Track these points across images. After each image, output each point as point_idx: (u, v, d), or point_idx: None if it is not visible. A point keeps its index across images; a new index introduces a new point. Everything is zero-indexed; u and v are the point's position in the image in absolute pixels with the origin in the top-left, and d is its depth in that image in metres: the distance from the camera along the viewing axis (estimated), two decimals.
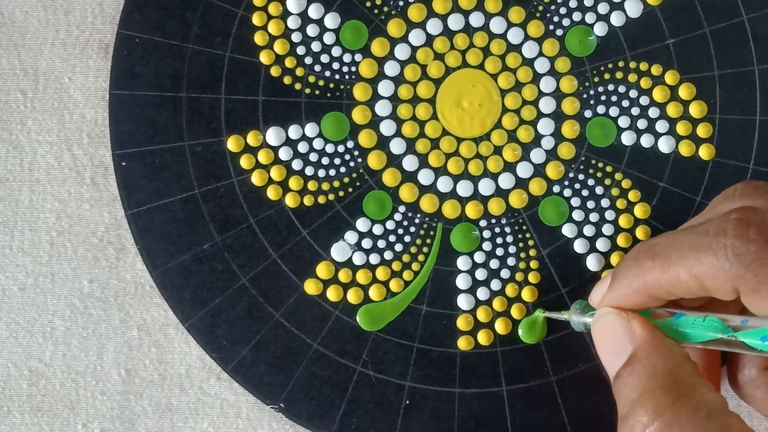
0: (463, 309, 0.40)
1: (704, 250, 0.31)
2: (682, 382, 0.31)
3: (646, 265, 0.33)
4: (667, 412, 0.30)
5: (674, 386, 0.31)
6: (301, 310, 0.40)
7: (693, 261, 0.31)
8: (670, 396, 0.30)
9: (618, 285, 0.34)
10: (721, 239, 0.30)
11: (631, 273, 0.33)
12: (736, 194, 0.33)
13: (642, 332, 0.33)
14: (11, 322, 0.40)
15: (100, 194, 0.41)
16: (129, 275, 0.41)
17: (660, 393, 0.30)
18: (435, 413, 0.40)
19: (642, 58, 0.41)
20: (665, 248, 0.32)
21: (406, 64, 0.41)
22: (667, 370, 0.31)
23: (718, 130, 0.41)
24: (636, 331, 0.33)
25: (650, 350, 0.32)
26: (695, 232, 0.32)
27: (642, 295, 0.33)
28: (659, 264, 0.32)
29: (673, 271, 0.32)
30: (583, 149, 0.41)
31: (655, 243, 0.33)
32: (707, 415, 0.30)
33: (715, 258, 0.30)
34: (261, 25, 0.41)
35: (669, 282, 0.32)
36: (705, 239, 0.31)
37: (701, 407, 0.30)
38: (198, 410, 0.40)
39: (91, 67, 0.41)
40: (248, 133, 0.41)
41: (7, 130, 0.41)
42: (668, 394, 0.30)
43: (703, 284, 0.31)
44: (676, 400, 0.30)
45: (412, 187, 0.41)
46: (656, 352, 0.32)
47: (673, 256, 0.32)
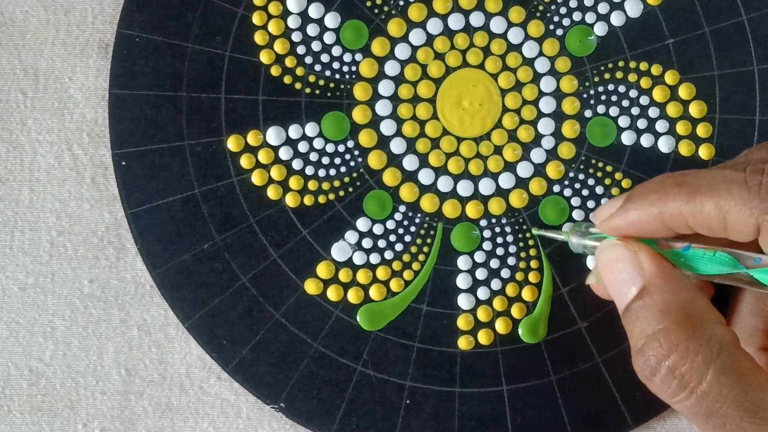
0: (464, 308, 0.40)
1: (737, 183, 0.31)
2: (695, 316, 0.31)
3: (671, 190, 0.32)
4: (681, 346, 0.31)
5: (687, 321, 0.31)
6: (301, 309, 0.40)
7: (723, 192, 0.31)
8: (683, 331, 0.31)
9: (633, 206, 0.33)
10: (757, 176, 0.31)
11: (652, 196, 0.33)
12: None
13: (651, 265, 0.33)
14: (11, 322, 0.40)
15: (100, 194, 0.41)
16: (129, 275, 0.41)
17: (674, 328, 0.31)
18: (435, 413, 0.40)
19: (642, 57, 0.41)
20: (695, 178, 0.32)
21: (406, 64, 0.41)
22: (679, 304, 0.32)
23: (718, 130, 0.41)
24: (644, 264, 0.33)
25: (661, 284, 0.32)
26: (730, 167, 0.32)
27: (657, 221, 0.33)
28: (686, 191, 0.32)
29: (699, 201, 0.32)
30: (583, 149, 0.41)
31: (684, 173, 0.33)
32: (719, 350, 0.31)
33: (747, 191, 0.31)
34: (261, 25, 0.41)
35: (691, 212, 0.32)
36: (740, 174, 0.31)
37: (713, 341, 0.31)
38: (198, 410, 0.40)
39: (91, 67, 0.41)
40: (248, 133, 0.41)
41: (8, 130, 0.41)
42: (682, 330, 0.31)
43: (725, 219, 0.31)
44: (689, 335, 0.31)
45: (412, 186, 0.41)
46: (667, 286, 0.32)
47: (703, 185, 0.32)
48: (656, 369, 0.31)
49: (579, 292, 0.40)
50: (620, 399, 0.39)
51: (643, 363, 0.31)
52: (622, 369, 0.40)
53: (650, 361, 0.31)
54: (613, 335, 0.40)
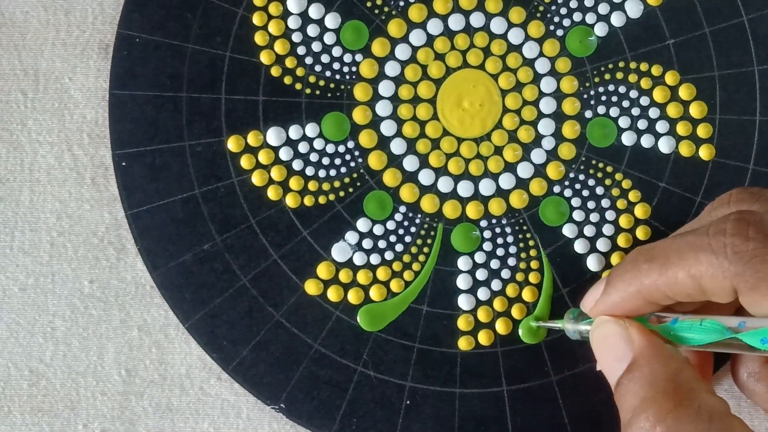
0: (464, 309, 0.40)
1: (703, 249, 0.31)
2: (683, 387, 0.31)
3: (643, 267, 0.33)
4: (669, 417, 0.30)
5: (675, 391, 0.31)
6: (301, 310, 0.40)
7: (692, 260, 0.31)
8: (671, 401, 0.30)
9: (614, 289, 0.34)
10: (720, 238, 0.31)
11: (628, 276, 0.33)
12: (731, 200, 0.34)
13: (640, 339, 0.33)
14: (12, 323, 0.40)
15: (100, 194, 0.41)
16: (129, 275, 0.41)
17: (661, 398, 0.30)
18: (435, 413, 0.40)
19: (642, 58, 0.41)
20: (663, 250, 0.32)
21: (406, 65, 0.41)
22: (667, 375, 0.31)
23: (718, 131, 0.41)
24: (634, 338, 0.33)
25: (650, 356, 0.32)
26: (693, 233, 0.32)
27: (638, 299, 0.33)
28: (657, 266, 0.32)
29: (671, 273, 0.32)
30: (583, 149, 0.41)
31: (652, 246, 0.33)
32: (710, 419, 0.30)
33: (714, 256, 0.30)
34: (261, 25, 0.41)
35: (667, 284, 0.32)
36: (704, 239, 0.31)
37: (703, 411, 0.30)
38: (198, 410, 0.40)
39: (91, 67, 0.41)
40: (249, 133, 0.41)
41: (8, 131, 0.41)
42: (670, 400, 0.30)
43: (701, 285, 0.31)
44: (677, 405, 0.30)
45: (412, 187, 0.41)
46: (656, 357, 0.32)
47: (672, 257, 0.32)
48: None
49: (579, 293, 0.40)
50: None
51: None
52: None
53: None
54: None
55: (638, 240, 0.40)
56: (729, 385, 0.40)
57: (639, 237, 0.40)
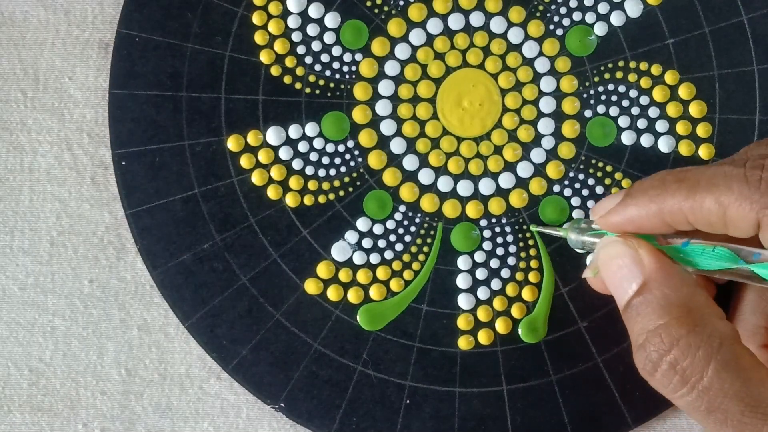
0: (464, 308, 0.40)
1: (737, 179, 0.31)
2: (695, 312, 0.31)
3: (671, 186, 0.32)
4: (682, 341, 0.31)
5: (688, 316, 0.31)
6: (301, 309, 0.40)
7: (723, 188, 0.31)
8: (684, 327, 0.31)
9: (633, 202, 0.33)
10: (756, 171, 0.31)
11: (652, 192, 0.33)
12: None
13: (651, 261, 0.33)
14: (11, 322, 0.40)
15: (100, 194, 0.41)
16: (129, 275, 0.41)
17: (675, 323, 0.31)
18: (435, 413, 0.40)
19: (642, 57, 0.41)
20: (695, 174, 0.32)
21: (406, 64, 0.41)
22: (680, 300, 0.32)
23: (718, 130, 0.41)
24: (645, 259, 0.33)
25: (661, 280, 0.32)
26: (729, 163, 0.32)
27: (656, 218, 0.33)
28: (686, 187, 0.32)
29: (699, 197, 0.32)
30: (583, 149, 0.41)
31: (684, 169, 0.33)
32: (720, 345, 0.31)
33: (747, 187, 0.31)
34: (261, 25, 0.41)
35: (691, 208, 0.32)
36: (740, 170, 0.31)
37: (714, 336, 0.31)
38: (198, 410, 0.40)
39: (91, 67, 0.41)
40: (248, 133, 0.41)
41: (8, 130, 0.41)
42: (682, 325, 0.31)
43: (726, 214, 0.31)
44: (690, 330, 0.31)
45: (412, 186, 0.41)
46: (667, 281, 0.32)
47: (702, 181, 0.32)
48: (658, 364, 0.31)
49: (579, 292, 0.40)
50: (620, 399, 0.39)
51: (644, 358, 0.32)
52: (622, 369, 0.40)
53: (651, 357, 0.31)
54: (613, 335, 0.40)
55: None
56: None
57: None
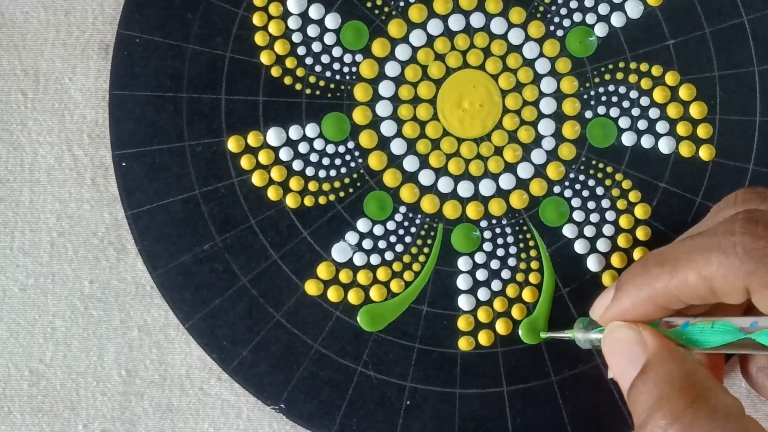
0: (464, 309, 0.40)
1: (713, 250, 0.31)
2: (699, 385, 0.31)
3: (654, 271, 0.33)
4: (685, 414, 0.30)
5: (691, 389, 0.31)
6: (301, 310, 0.40)
7: (702, 262, 0.31)
8: (687, 399, 0.30)
9: (624, 295, 0.34)
10: (730, 237, 0.31)
11: (638, 281, 0.33)
12: (738, 200, 0.34)
13: (653, 341, 0.33)
14: (12, 323, 0.40)
15: (100, 195, 0.41)
16: (129, 276, 0.41)
17: (677, 396, 0.30)
18: (436, 414, 0.40)
19: (642, 58, 0.41)
20: (673, 253, 0.32)
21: (406, 65, 0.41)
22: (682, 374, 0.31)
23: (718, 131, 0.41)
24: (648, 341, 0.33)
25: (664, 357, 0.32)
26: (703, 234, 0.32)
27: (649, 304, 0.33)
28: (668, 269, 0.32)
29: (681, 275, 0.32)
30: (583, 150, 0.41)
31: (662, 250, 0.33)
32: (726, 417, 0.30)
33: (725, 256, 0.30)
34: (261, 26, 0.41)
35: (678, 287, 0.32)
36: (713, 239, 0.31)
37: (719, 410, 0.30)
38: (198, 411, 0.40)
39: (91, 68, 0.41)
40: (249, 134, 0.41)
41: (8, 131, 0.41)
42: (685, 397, 0.30)
43: (712, 286, 0.31)
44: (693, 402, 0.30)
45: (412, 187, 0.41)
46: (670, 358, 0.32)
47: (682, 259, 0.32)
48: None
49: (579, 293, 0.40)
50: (620, 399, 0.39)
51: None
52: None
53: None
54: None
55: (638, 240, 0.40)
56: (728, 386, 0.40)
57: (639, 237, 0.40)
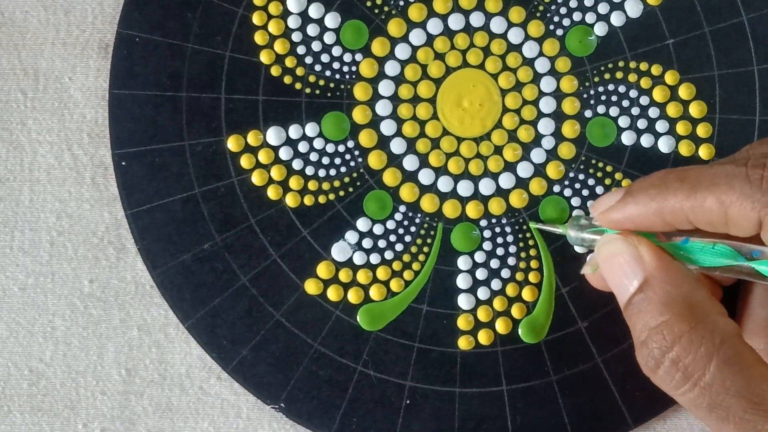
0: (464, 309, 0.40)
1: (738, 177, 0.31)
2: (697, 308, 0.32)
3: (672, 185, 0.32)
4: (684, 337, 0.31)
5: (689, 312, 0.31)
6: (301, 309, 0.40)
7: (724, 187, 0.31)
8: (685, 323, 0.31)
9: (633, 200, 0.33)
10: (758, 170, 0.31)
11: (652, 191, 0.33)
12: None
13: (652, 258, 0.33)
14: (12, 322, 0.40)
15: (100, 194, 0.41)
16: (129, 275, 0.41)
17: (676, 320, 0.31)
18: (435, 413, 0.40)
19: (642, 58, 0.41)
20: (696, 173, 0.32)
21: (406, 64, 0.41)
22: (681, 296, 0.32)
23: (718, 130, 0.41)
24: (645, 257, 0.33)
25: (662, 276, 0.32)
26: (731, 162, 0.32)
27: (656, 216, 0.33)
28: (686, 186, 0.32)
29: (700, 196, 0.32)
30: (583, 149, 0.41)
31: (685, 168, 0.33)
32: (721, 341, 0.31)
33: (749, 186, 0.31)
34: (261, 25, 0.41)
35: (692, 207, 0.32)
36: (741, 169, 0.31)
37: (716, 333, 0.31)
38: (198, 410, 0.40)
39: (91, 67, 0.41)
40: (248, 133, 0.41)
41: (8, 130, 0.41)
42: (684, 321, 0.31)
43: (727, 213, 0.31)
44: (691, 327, 0.31)
45: (412, 186, 0.41)
46: (668, 278, 0.32)
47: (704, 181, 0.32)
48: (660, 361, 0.31)
49: (579, 292, 0.40)
50: (620, 399, 0.39)
51: (646, 355, 0.32)
52: (622, 369, 0.40)
53: (654, 354, 0.31)
54: (613, 335, 0.40)
55: None
56: None
57: None
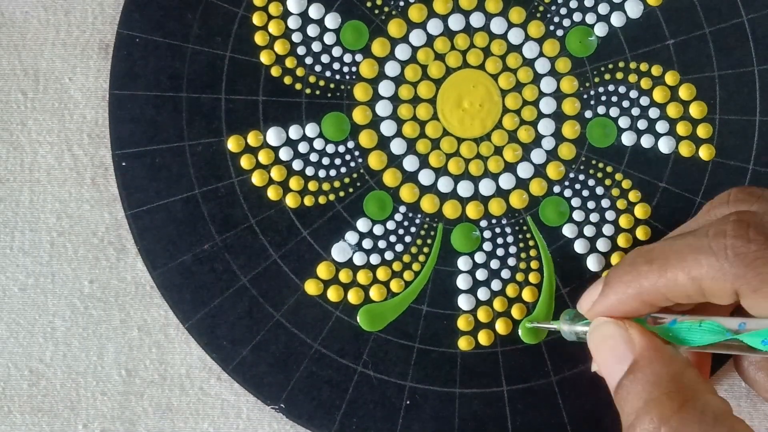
0: (464, 309, 0.40)
1: (703, 251, 0.31)
2: (687, 388, 0.31)
3: (642, 269, 0.32)
4: (674, 418, 0.30)
5: (679, 392, 0.30)
6: (301, 310, 0.40)
7: (692, 262, 0.31)
8: (675, 402, 0.30)
9: (612, 291, 0.33)
10: (720, 240, 0.30)
11: (626, 278, 0.33)
12: (731, 199, 0.33)
13: (641, 340, 0.32)
14: (12, 323, 0.40)
15: (100, 194, 0.41)
16: (129, 275, 0.41)
17: (665, 399, 0.30)
18: (435, 413, 0.40)
19: (642, 58, 0.41)
20: (662, 252, 0.32)
21: (406, 65, 0.41)
22: (670, 376, 0.31)
23: (718, 131, 0.41)
24: (635, 339, 0.32)
25: (651, 357, 0.32)
26: (693, 235, 0.32)
27: (636, 301, 0.33)
28: (656, 267, 0.32)
29: (670, 275, 0.31)
30: (583, 149, 0.41)
31: (651, 248, 0.33)
32: (714, 420, 0.30)
33: (715, 258, 0.30)
34: (261, 25, 0.41)
35: (666, 286, 0.32)
36: (704, 241, 0.31)
37: (707, 412, 0.30)
38: (198, 410, 0.40)
39: (91, 67, 0.41)
40: (248, 134, 0.41)
41: (8, 131, 0.41)
42: (673, 401, 0.30)
43: (701, 287, 0.31)
44: (681, 406, 0.30)
45: (412, 187, 0.41)
46: (657, 358, 0.32)
47: (671, 259, 0.32)
48: None
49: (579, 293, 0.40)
50: None
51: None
52: None
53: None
54: None
55: (638, 240, 0.40)
56: (729, 385, 0.40)
57: (639, 237, 0.40)
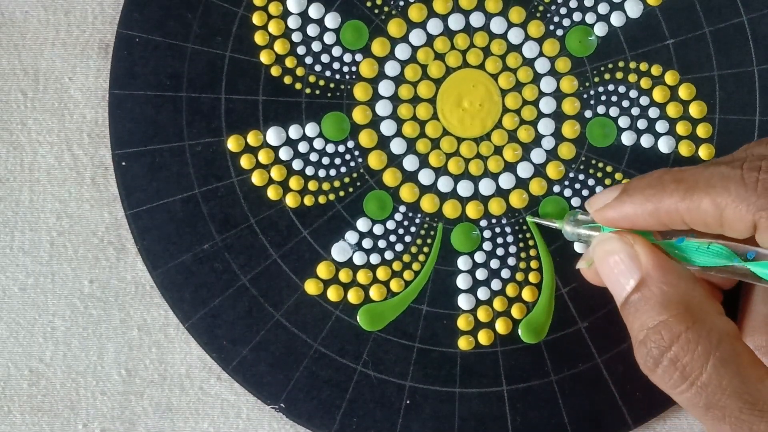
0: (464, 309, 0.40)
1: (734, 180, 0.31)
2: (694, 308, 0.32)
3: (669, 187, 0.33)
4: (682, 337, 0.31)
5: (687, 312, 0.32)
6: (301, 310, 0.40)
7: (720, 189, 0.31)
8: (683, 323, 0.31)
9: (629, 199, 0.34)
10: (753, 173, 0.31)
11: (649, 191, 0.33)
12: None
13: (648, 257, 0.33)
14: (12, 322, 0.40)
15: (100, 194, 0.41)
16: (129, 275, 0.41)
17: (674, 320, 0.32)
18: (435, 413, 0.40)
19: (642, 58, 0.41)
20: (693, 174, 0.32)
21: (406, 64, 0.41)
22: (678, 296, 0.32)
23: (718, 131, 0.41)
24: (642, 256, 0.33)
25: (659, 276, 0.33)
26: (727, 164, 0.32)
27: (652, 217, 0.33)
28: (683, 188, 0.32)
29: (696, 198, 0.32)
30: (583, 149, 0.41)
31: (682, 169, 0.33)
32: (719, 341, 0.31)
33: (744, 189, 0.31)
34: (261, 25, 0.41)
35: (688, 209, 0.32)
36: (737, 171, 0.31)
37: (713, 333, 0.31)
38: (198, 410, 0.40)
39: (91, 67, 0.41)
40: (248, 133, 0.41)
41: (8, 130, 0.41)
42: (681, 321, 0.31)
43: (722, 215, 0.31)
44: (689, 326, 0.31)
45: (412, 187, 0.41)
46: (665, 277, 0.33)
47: (700, 182, 0.32)
48: (658, 360, 0.31)
49: (579, 293, 0.40)
50: (620, 399, 0.39)
51: (645, 354, 0.32)
52: (622, 369, 0.40)
53: (653, 353, 0.32)
54: (613, 335, 0.40)
55: None
56: None
57: None
